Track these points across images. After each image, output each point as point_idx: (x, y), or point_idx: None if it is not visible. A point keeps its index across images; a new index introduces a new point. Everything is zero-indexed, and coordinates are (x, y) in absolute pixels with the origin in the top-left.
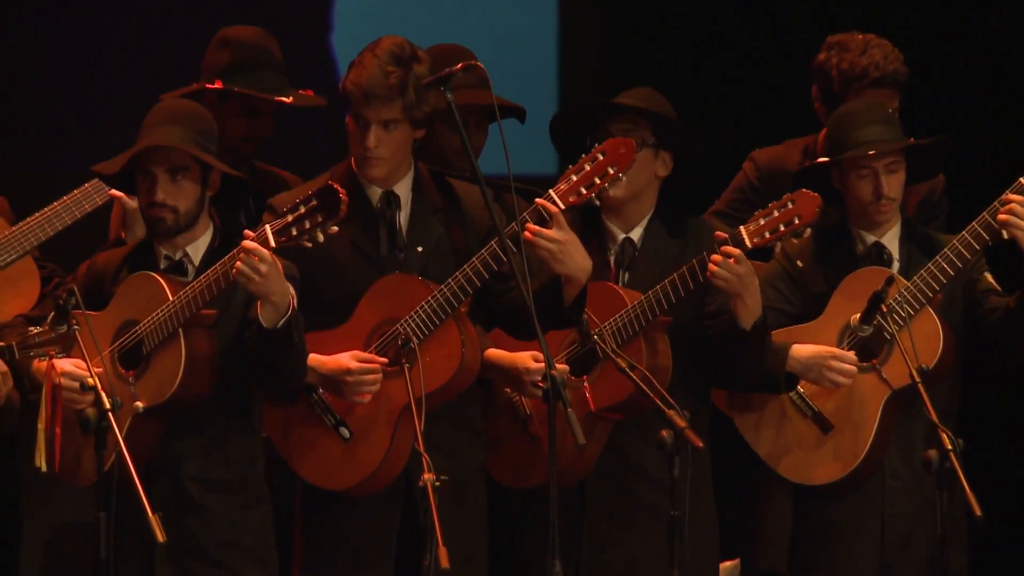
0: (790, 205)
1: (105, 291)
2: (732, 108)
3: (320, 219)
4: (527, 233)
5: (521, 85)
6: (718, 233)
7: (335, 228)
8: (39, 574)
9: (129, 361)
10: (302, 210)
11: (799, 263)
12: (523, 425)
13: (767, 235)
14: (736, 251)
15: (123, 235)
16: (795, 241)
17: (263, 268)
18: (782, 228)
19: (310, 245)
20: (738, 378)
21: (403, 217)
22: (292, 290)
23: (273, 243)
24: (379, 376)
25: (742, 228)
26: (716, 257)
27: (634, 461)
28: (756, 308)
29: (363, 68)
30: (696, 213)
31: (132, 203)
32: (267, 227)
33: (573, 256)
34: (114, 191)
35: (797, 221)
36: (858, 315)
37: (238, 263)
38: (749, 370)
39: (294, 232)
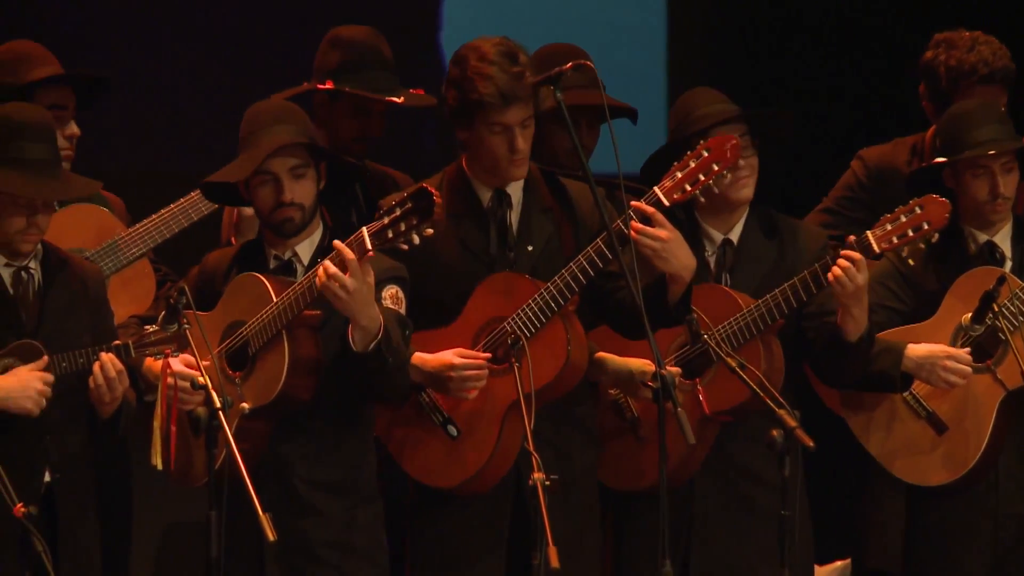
0: (918, 210)
1: (216, 290)
2: (837, 105)
3: (415, 221)
4: (632, 231)
5: (629, 83)
6: (850, 238)
7: (430, 231)
8: (150, 573)
9: (236, 362)
10: (397, 213)
11: (910, 261)
12: (630, 427)
13: (895, 240)
14: (859, 257)
15: (233, 240)
16: (922, 246)
17: (342, 294)
18: (911, 233)
19: (406, 247)
20: (842, 384)
21: (514, 216)
22: (379, 312)
23: (369, 246)
24: (484, 372)
25: (869, 233)
26: (842, 262)
27: (740, 462)
28: (863, 321)
29: (489, 78)
30: (781, 210)
31: (247, 209)
32: (363, 230)
33: (677, 254)
34: None
35: (927, 226)
36: (970, 314)
37: (322, 279)
38: (851, 378)
39: (389, 235)
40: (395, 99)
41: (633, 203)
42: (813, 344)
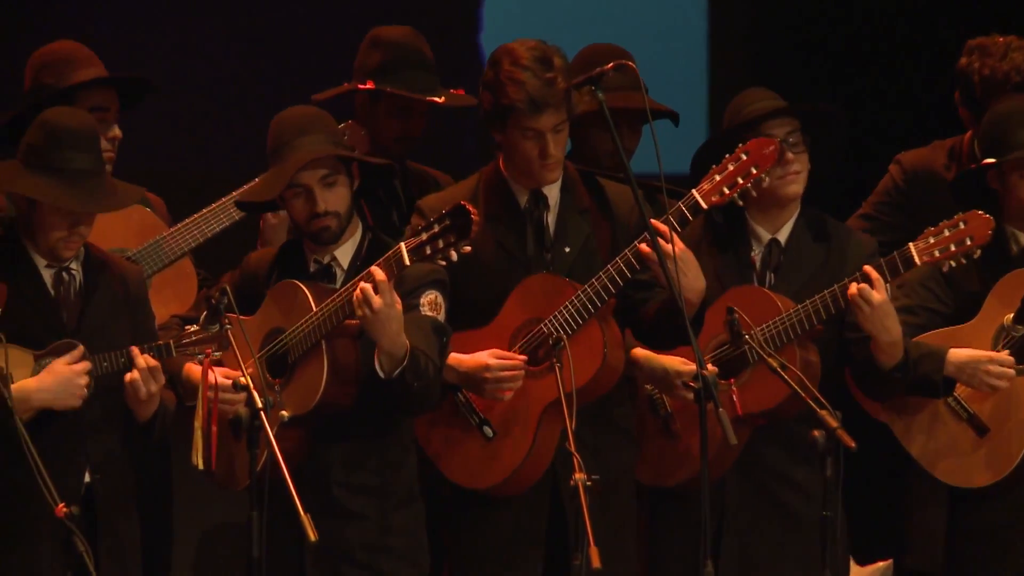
0: (962, 225)
1: (257, 291)
2: (876, 108)
3: (452, 239)
4: (643, 247)
5: (670, 84)
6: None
7: (468, 248)
8: (191, 574)
9: (275, 369)
10: (435, 229)
11: (951, 263)
12: (664, 423)
13: (936, 253)
14: (876, 276)
15: (259, 247)
16: (963, 261)
17: (367, 313)
18: (953, 248)
19: (444, 264)
20: (882, 397)
21: (551, 217)
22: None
23: (407, 261)
24: (520, 374)
25: (911, 245)
26: (854, 288)
27: (773, 465)
28: (894, 353)
29: (521, 83)
30: (833, 215)
31: (272, 219)
32: (401, 246)
33: (684, 274)
34: None
35: (969, 242)
36: (1011, 315)
37: (356, 293)
38: (890, 397)
39: (427, 251)
40: (436, 99)
41: (652, 221)
42: (853, 359)
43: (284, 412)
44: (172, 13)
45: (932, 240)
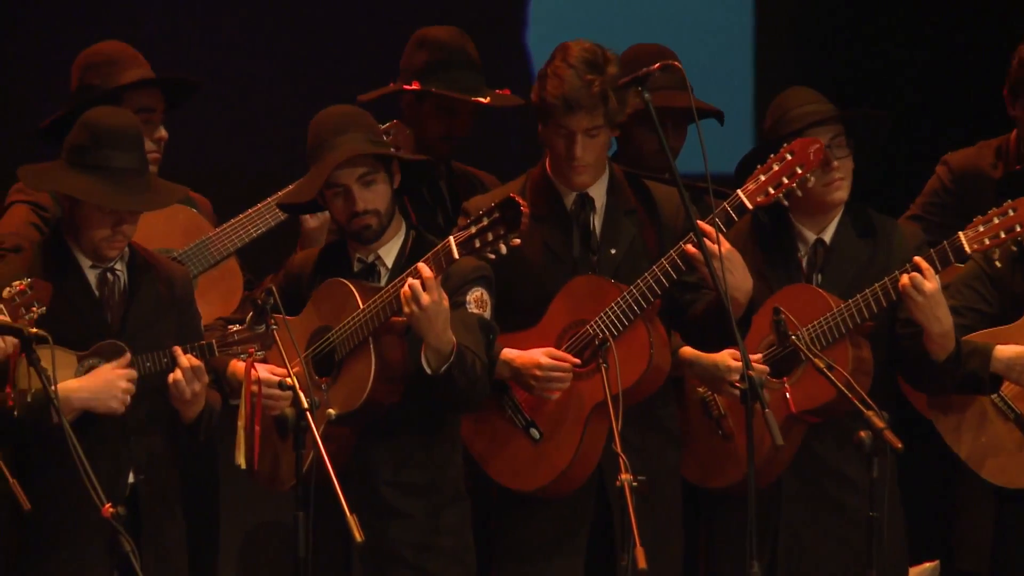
0: (1011, 212)
1: (302, 292)
2: (923, 108)
3: (502, 231)
4: (689, 248)
5: (716, 83)
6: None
7: (517, 241)
8: (237, 574)
9: (322, 368)
10: (484, 222)
11: (998, 263)
12: (716, 423)
13: (987, 241)
14: (926, 266)
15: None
16: (1014, 248)
17: (415, 309)
18: (1003, 235)
19: (493, 257)
20: (932, 393)
21: (597, 219)
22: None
23: (456, 255)
24: (569, 375)
25: (961, 234)
26: (905, 279)
27: (829, 463)
28: (946, 343)
29: (561, 79)
30: (880, 210)
31: (311, 221)
32: (451, 239)
33: (730, 273)
34: None
35: (1019, 228)
36: None
37: (403, 289)
38: (941, 391)
39: (476, 244)
40: (481, 99)
41: (699, 222)
42: (904, 354)
43: (331, 410)
44: (218, 13)
45: (981, 228)
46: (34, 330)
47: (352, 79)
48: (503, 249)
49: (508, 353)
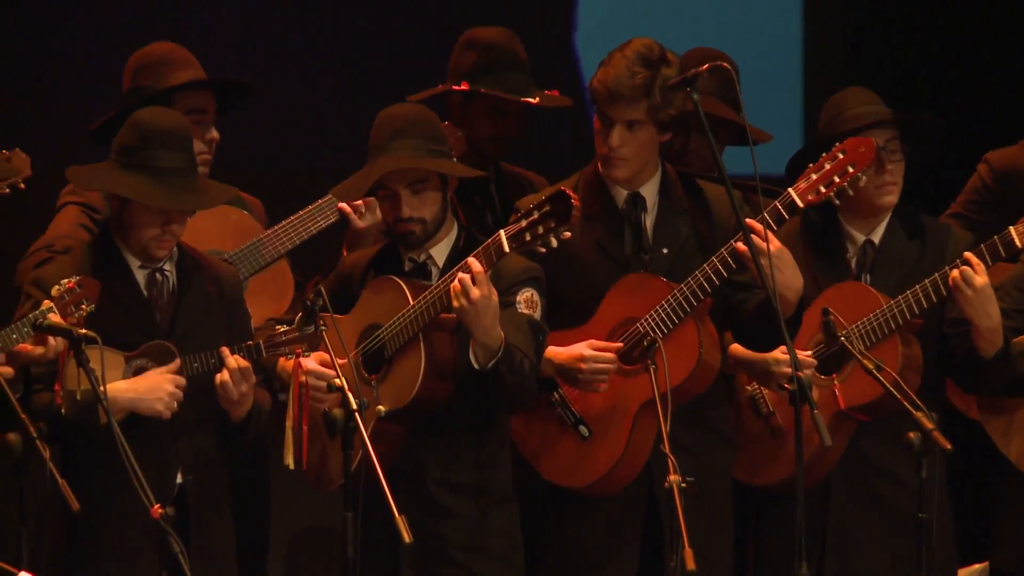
0: None
1: (352, 292)
2: (971, 108)
3: (552, 224)
4: (739, 245)
5: (766, 84)
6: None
7: (567, 233)
8: (286, 574)
9: (372, 365)
10: (535, 215)
11: None
12: (764, 420)
13: None
14: (976, 261)
15: (345, 253)
16: None
17: (465, 303)
18: None
19: (543, 250)
20: (981, 394)
21: (649, 219)
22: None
23: (507, 249)
24: (614, 363)
25: (1012, 228)
26: (955, 273)
27: (878, 463)
28: (994, 339)
29: (611, 67)
30: (930, 212)
31: (359, 223)
32: (501, 233)
33: (780, 271)
34: (342, 204)
35: None
36: None
37: (453, 284)
38: (989, 391)
39: (527, 237)
40: (530, 100)
41: (749, 221)
42: (953, 353)
43: (381, 407)
44: (269, 14)
45: None
46: (83, 331)
47: (401, 80)
48: (553, 242)
49: (549, 351)
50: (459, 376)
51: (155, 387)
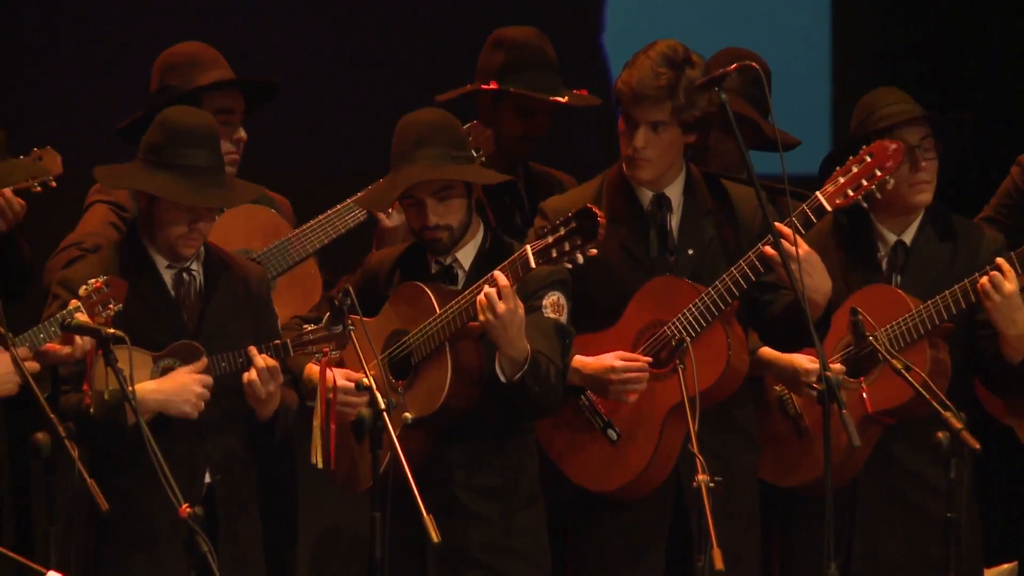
0: None
1: (378, 291)
2: (1005, 109)
3: (579, 242)
4: (767, 249)
5: (794, 84)
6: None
7: (594, 251)
8: (314, 574)
9: (398, 371)
10: (561, 232)
11: None
12: (793, 422)
13: None
14: (1007, 267)
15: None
16: None
17: (490, 317)
18: None
19: (570, 266)
20: (1009, 397)
21: (674, 220)
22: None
23: (533, 264)
24: (645, 376)
25: None
26: (984, 279)
27: (905, 464)
28: (1022, 347)
29: (635, 69)
30: (963, 213)
31: (388, 221)
32: (527, 248)
33: (809, 275)
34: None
35: None
36: None
37: (479, 297)
38: (1018, 394)
39: (553, 254)
40: (559, 99)
41: (776, 224)
42: (981, 356)
43: (407, 414)
44: (297, 13)
45: None
46: (111, 330)
47: (430, 79)
48: (579, 259)
49: (577, 361)
50: (485, 383)
51: (183, 388)
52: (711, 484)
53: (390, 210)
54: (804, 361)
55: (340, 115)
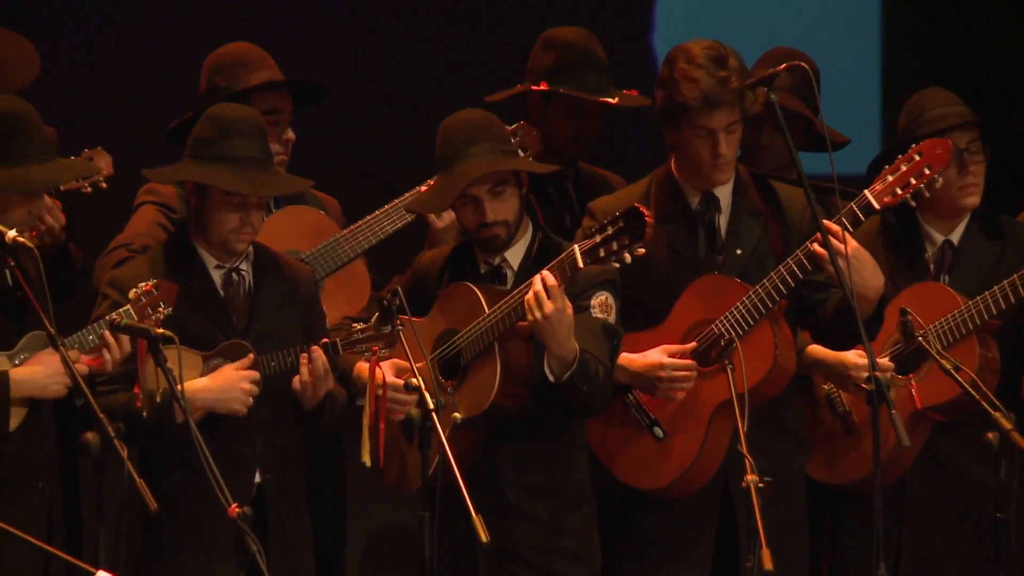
0: None
1: (428, 291)
2: None
3: (626, 241)
4: (816, 247)
5: (844, 83)
6: None
7: (641, 250)
8: (363, 574)
9: (447, 371)
10: (609, 231)
11: None
12: (841, 420)
13: None
14: None
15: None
16: None
17: (538, 316)
18: None
19: (617, 266)
20: None
21: (722, 220)
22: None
23: (581, 264)
24: (693, 374)
25: None
26: None
27: (954, 464)
28: None
29: (695, 81)
30: (1009, 213)
31: (438, 222)
32: (575, 248)
33: (859, 272)
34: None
35: None
36: None
37: (528, 297)
38: None
39: (601, 253)
40: (609, 100)
41: (825, 221)
42: None
43: (457, 414)
44: (345, 13)
45: None
46: (161, 331)
47: (480, 80)
48: (627, 259)
49: (624, 358)
50: (534, 383)
51: (231, 384)
52: (760, 484)
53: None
54: (853, 357)
55: (389, 116)
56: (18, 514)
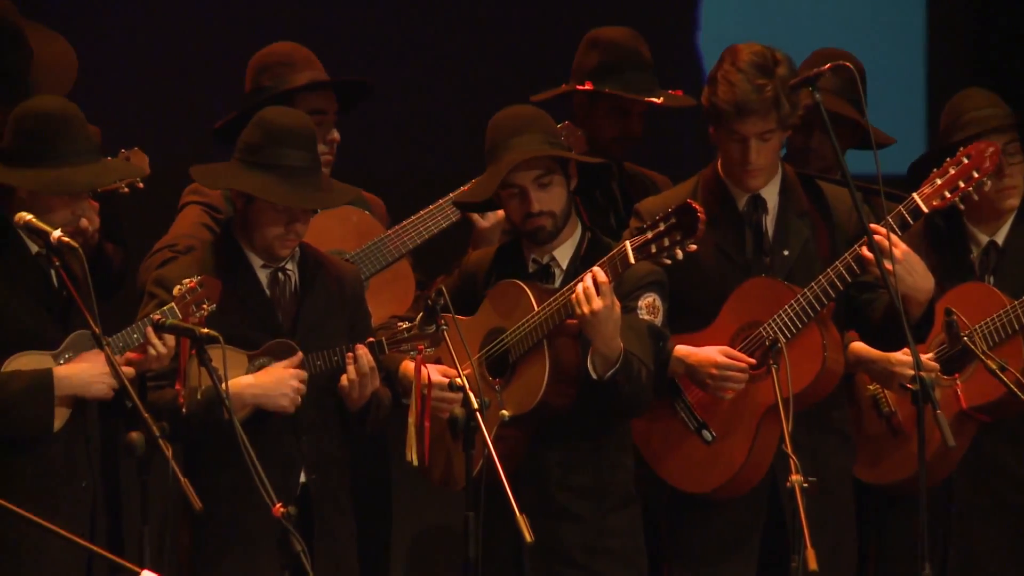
0: None
1: (476, 291)
2: None
3: (678, 237)
4: (864, 251)
5: (888, 84)
6: None
7: (693, 247)
8: (408, 574)
9: (495, 369)
10: (661, 227)
11: None
12: (886, 420)
13: None
14: None
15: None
16: None
17: (586, 312)
18: None
19: (669, 262)
20: None
21: (769, 221)
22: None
23: (632, 260)
24: (745, 376)
25: None
26: None
27: (1001, 464)
28: None
29: (732, 85)
30: None
31: (483, 222)
32: (627, 244)
33: (909, 274)
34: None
35: None
36: None
37: (576, 292)
38: None
39: (653, 249)
40: (654, 99)
41: (872, 226)
42: None
43: (504, 412)
44: (390, 13)
45: None
46: (205, 330)
47: (524, 80)
48: (679, 255)
49: (681, 350)
50: (582, 382)
51: (279, 381)
52: (804, 484)
53: (486, 212)
54: (898, 356)
55: (434, 115)
56: (62, 513)
